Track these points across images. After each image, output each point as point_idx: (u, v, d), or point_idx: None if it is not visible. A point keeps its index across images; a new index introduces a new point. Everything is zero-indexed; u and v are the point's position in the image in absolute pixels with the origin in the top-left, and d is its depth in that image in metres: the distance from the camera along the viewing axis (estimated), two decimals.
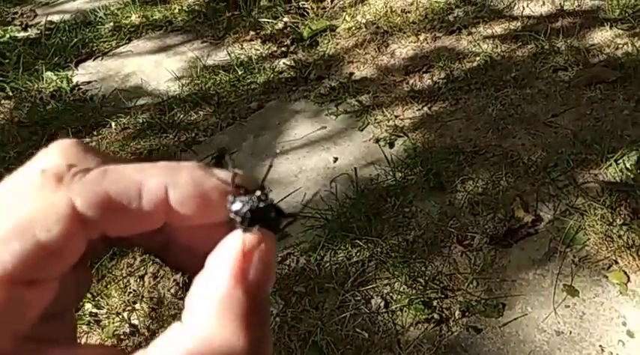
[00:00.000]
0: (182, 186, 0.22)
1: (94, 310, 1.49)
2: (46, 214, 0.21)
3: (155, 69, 2.55)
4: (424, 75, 2.22)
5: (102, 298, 1.52)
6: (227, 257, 0.21)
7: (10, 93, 2.51)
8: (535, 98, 1.99)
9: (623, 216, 1.51)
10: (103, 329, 1.45)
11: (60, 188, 0.21)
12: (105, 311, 1.49)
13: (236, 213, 0.22)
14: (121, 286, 1.54)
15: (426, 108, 2.05)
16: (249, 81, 2.35)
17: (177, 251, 0.25)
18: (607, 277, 1.40)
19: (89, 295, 1.52)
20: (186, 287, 1.50)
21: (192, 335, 0.20)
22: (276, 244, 0.22)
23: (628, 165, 1.65)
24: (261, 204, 0.23)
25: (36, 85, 2.55)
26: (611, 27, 2.24)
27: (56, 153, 0.23)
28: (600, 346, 1.27)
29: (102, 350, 0.23)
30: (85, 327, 1.45)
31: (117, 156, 0.25)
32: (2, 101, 2.50)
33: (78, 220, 0.21)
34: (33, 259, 0.20)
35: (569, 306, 1.36)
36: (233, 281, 0.20)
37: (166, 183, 0.22)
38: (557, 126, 1.85)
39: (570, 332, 1.31)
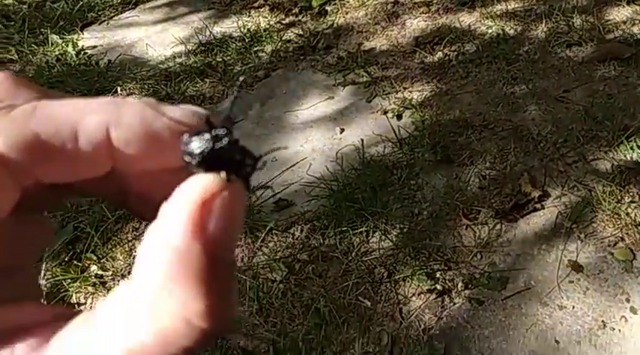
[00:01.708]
0: (126, 124, 0.19)
1: (100, 272, 1.49)
2: None
3: (161, 35, 2.52)
4: (435, 47, 2.18)
5: (107, 260, 1.53)
6: (182, 205, 0.17)
7: (16, 57, 2.49)
8: (547, 73, 1.95)
9: (631, 193, 1.50)
10: (107, 291, 1.46)
11: None
12: (110, 273, 1.50)
13: (190, 154, 0.19)
14: (127, 249, 1.55)
15: (435, 81, 2.02)
16: (256, 49, 2.32)
17: (137, 199, 0.22)
18: (612, 254, 1.39)
19: (94, 256, 1.52)
20: None
21: (139, 297, 0.17)
22: (278, 215, 0.19)
23: (639, 143, 1.63)
24: (223, 144, 0.19)
25: (41, 49, 2.53)
26: (628, 3, 2.19)
27: None
28: (603, 321, 1.27)
29: (48, 309, 0.20)
30: (90, 288, 1.46)
31: (57, 92, 0.22)
32: (7, 64, 2.48)
33: (0, 164, 0.18)
34: None
35: (572, 282, 1.36)
36: (189, 233, 0.17)
37: (107, 121, 0.19)
38: (568, 102, 1.82)
39: (573, 307, 1.31)
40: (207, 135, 0.19)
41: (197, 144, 0.19)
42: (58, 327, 0.18)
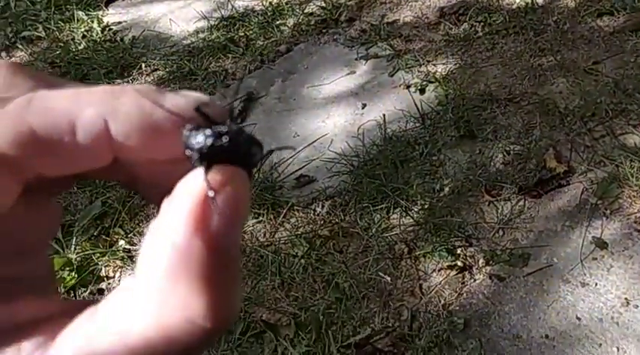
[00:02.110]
0: (124, 116, 0.19)
1: (127, 246, 1.54)
2: None
3: (184, 10, 2.52)
4: (460, 18, 2.13)
5: (134, 235, 1.58)
6: (184, 200, 0.17)
7: (43, 34, 2.53)
8: (576, 44, 1.89)
9: None
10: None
11: None
12: (137, 247, 1.55)
13: (192, 148, 0.19)
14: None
15: (460, 53, 1.98)
16: (278, 23, 2.30)
17: (146, 185, 0.22)
18: (638, 231, 1.37)
19: (122, 231, 1.57)
20: None
21: (143, 295, 0.17)
22: (299, 191, 0.18)
23: None
24: (226, 138, 0.19)
25: (68, 25, 2.56)
26: None
27: None
28: (626, 299, 1.26)
29: (57, 304, 0.20)
30: (118, 262, 1.51)
31: (56, 78, 0.21)
32: (35, 41, 2.52)
33: None
34: None
35: (596, 259, 1.34)
36: (191, 229, 0.17)
37: (105, 112, 0.18)
38: (597, 74, 1.77)
39: (596, 284, 1.30)
40: (207, 131, 0.19)
41: (197, 139, 0.19)
42: (66, 323, 0.19)
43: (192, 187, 0.17)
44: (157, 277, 0.17)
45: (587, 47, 1.87)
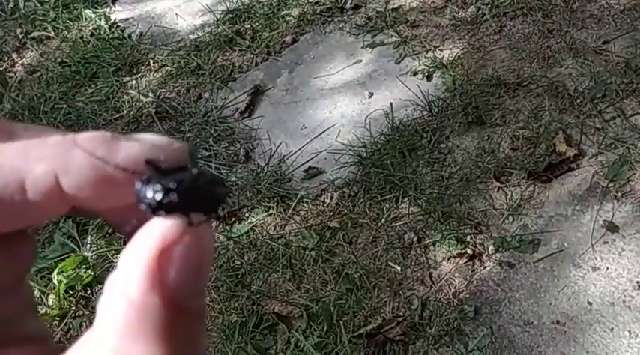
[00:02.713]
0: (75, 170, 0.18)
1: None
2: None
3: (190, 4, 2.52)
4: (467, 1, 2.10)
5: None
6: (139, 256, 0.17)
7: (52, 34, 2.56)
8: (585, 23, 1.86)
9: None
10: None
11: None
12: None
13: (143, 201, 0.18)
14: None
15: (467, 38, 1.96)
16: (283, 13, 2.29)
17: (114, 224, 0.22)
18: None
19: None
20: (226, 221, 1.56)
21: (102, 352, 0.16)
22: (308, 183, 0.17)
23: None
24: (174, 195, 0.18)
25: (76, 24, 2.58)
26: None
27: None
28: (637, 282, 1.25)
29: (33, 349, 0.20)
30: None
31: (13, 124, 0.21)
32: (45, 41, 2.55)
33: None
34: None
35: (607, 242, 1.33)
36: (146, 284, 0.16)
37: (56, 168, 0.18)
38: (607, 54, 1.73)
39: (607, 268, 1.29)
40: (157, 186, 0.19)
41: (147, 194, 0.18)
42: None
43: (147, 240, 0.17)
44: (113, 335, 0.16)
45: (596, 27, 1.83)
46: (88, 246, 1.54)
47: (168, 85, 2.12)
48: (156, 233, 0.17)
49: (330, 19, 2.23)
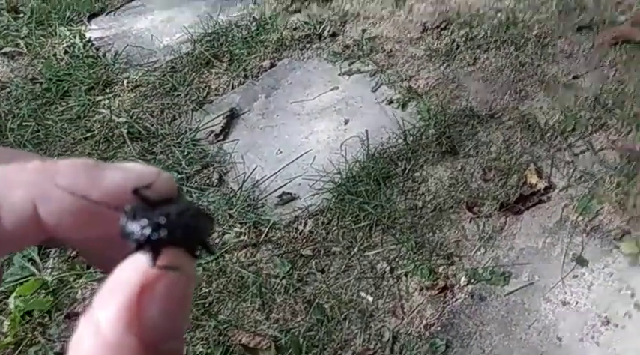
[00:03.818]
0: (55, 199, 0.17)
1: None
2: None
3: (167, 24, 2.51)
4: (442, 32, 2.14)
5: None
6: (118, 291, 0.16)
7: (25, 50, 2.51)
8: (556, 58, 1.91)
9: (639, 185, 1.46)
10: None
11: None
12: None
13: (128, 237, 0.17)
14: None
15: (442, 68, 1.99)
16: (262, 38, 2.30)
17: (89, 257, 0.21)
18: (618, 247, 1.37)
19: None
20: None
21: None
22: (282, 209, 0.17)
23: None
24: (164, 231, 0.17)
25: (49, 41, 2.54)
26: None
27: None
28: (606, 317, 1.26)
29: None
30: (95, 284, 1.49)
31: None
32: (16, 57, 2.50)
33: None
34: None
35: (577, 276, 1.34)
36: (123, 326, 0.15)
37: (34, 195, 0.17)
38: (577, 89, 1.78)
39: (576, 303, 1.30)
40: (144, 221, 0.17)
41: (133, 229, 0.17)
42: None
43: (128, 277, 0.16)
44: None
45: (567, 61, 1.88)
46: (49, 269, 1.49)
47: (141, 106, 2.09)
48: (138, 270, 0.16)
49: (308, 46, 2.24)
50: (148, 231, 0.17)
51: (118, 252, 0.18)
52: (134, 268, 0.17)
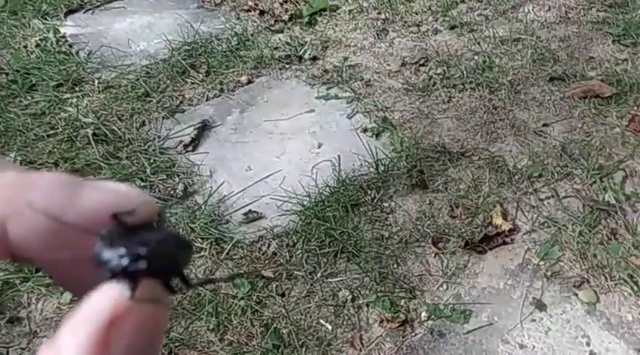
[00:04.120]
0: (27, 219, 0.16)
1: None
2: None
3: (146, 29, 2.47)
4: (420, 68, 2.18)
5: None
6: (88, 322, 0.15)
7: None
8: (528, 105, 1.96)
9: (601, 235, 1.50)
10: (61, 294, 1.41)
11: None
12: None
13: (104, 265, 0.16)
14: None
15: (417, 103, 2.01)
16: (241, 53, 2.28)
17: (54, 276, 0.19)
18: (577, 295, 1.39)
19: None
20: None
21: None
22: (246, 228, 0.16)
23: (612, 185, 1.64)
24: (143, 263, 0.16)
25: (21, 32, 2.46)
26: (613, 42, 2.21)
27: None
28: None
29: None
30: (43, 290, 1.40)
31: None
32: None
33: None
34: None
35: (535, 320, 1.35)
36: None
37: (4, 213, 0.16)
38: (546, 136, 1.83)
39: (533, 347, 1.30)
40: (122, 250, 0.16)
41: (110, 257, 0.16)
42: None
43: (99, 308, 0.15)
44: None
45: (538, 109, 1.94)
46: None
47: (111, 108, 2.03)
48: (110, 300, 0.15)
49: (287, 66, 2.24)
50: (125, 262, 0.16)
51: (89, 275, 0.17)
52: (106, 298, 0.15)
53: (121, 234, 0.17)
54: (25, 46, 2.37)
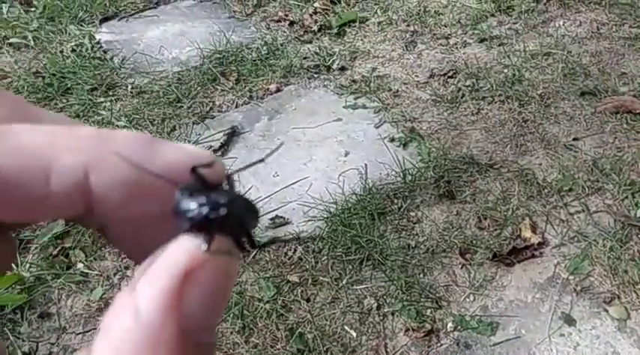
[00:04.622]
0: (109, 168, 0.16)
1: (86, 270, 1.47)
2: None
3: (178, 37, 2.52)
4: (449, 80, 2.18)
5: (95, 260, 1.51)
6: (160, 276, 0.15)
7: (32, 43, 2.49)
8: (558, 119, 1.94)
9: (632, 251, 1.47)
10: (91, 291, 1.43)
11: None
12: (96, 273, 1.47)
13: (182, 214, 0.16)
14: (115, 250, 1.52)
15: (446, 114, 2.01)
16: (271, 62, 2.32)
17: (118, 237, 0.19)
18: (607, 311, 1.36)
19: (82, 254, 1.50)
20: None
21: None
22: (273, 232, 0.17)
23: None
24: (224, 209, 0.16)
25: (58, 37, 2.53)
26: None
27: None
28: None
29: None
30: (73, 286, 1.43)
31: (37, 109, 0.19)
32: (22, 49, 2.48)
33: None
34: None
35: (564, 335, 1.33)
36: (163, 311, 0.14)
37: (88, 162, 0.16)
38: (577, 151, 1.81)
39: None
40: (202, 198, 0.17)
41: (190, 207, 0.16)
42: None
43: (175, 260, 0.15)
44: None
45: (568, 123, 1.92)
46: (28, 265, 1.43)
47: (143, 112, 2.08)
48: (186, 253, 0.15)
49: (316, 76, 2.26)
50: (206, 210, 0.16)
51: (159, 235, 0.17)
52: (182, 249, 0.16)
53: (199, 189, 0.17)
54: (62, 51, 2.44)
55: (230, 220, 0.17)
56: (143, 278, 0.15)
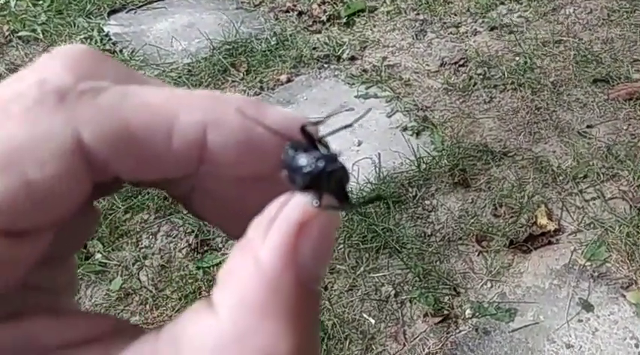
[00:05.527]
0: (226, 126, 0.17)
1: (104, 260, 1.48)
2: (39, 144, 0.15)
3: (187, 28, 2.52)
4: (460, 68, 2.17)
5: (113, 250, 1.51)
6: (278, 228, 0.16)
7: (41, 36, 2.49)
8: (571, 106, 1.94)
9: None
10: (109, 282, 1.44)
11: (62, 110, 0.16)
12: (114, 263, 1.48)
13: (294, 170, 0.17)
14: (134, 241, 1.53)
15: (458, 103, 2.01)
16: (280, 52, 2.31)
17: (207, 199, 0.20)
18: (625, 296, 1.37)
19: (100, 244, 1.51)
20: (198, 249, 1.49)
21: (221, 330, 0.15)
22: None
23: None
24: (335, 166, 0.17)
25: (67, 30, 2.53)
26: None
27: (62, 61, 0.17)
28: None
29: (98, 320, 0.18)
30: (92, 276, 1.44)
31: (144, 75, 0.20)
32: (32, 42, 2.48)
33: (82, 157, 0.16)
34: (19, 204, 0.15)
35: (582, 321, 1.33)
36: (284, 261, 0.15)
37: (206, 120, 0.17)
38: (591, 138, 1.80)
39: (580, 347, 1.28)
40: (316, 153, 0.17)
41: (303, 162, 0.17)
42: (119, 348, 0.16)
43: (291, 214, 0.16)
44: (239, 308, 0.15)
45: (581, 111, 1.91)
46: None
47: None
48: (298, 207, 0.16)
49: (326, 66, 2.25)
50: (322, 164, 0.17)
51: (254, 198, 0.18)
52: (295, 205, 0.16)
53: (306, 147, 0.18)
54: (71, 44, 2.44)
55: (335, 177, 0.17)
56: (257, 230, 0.16)
